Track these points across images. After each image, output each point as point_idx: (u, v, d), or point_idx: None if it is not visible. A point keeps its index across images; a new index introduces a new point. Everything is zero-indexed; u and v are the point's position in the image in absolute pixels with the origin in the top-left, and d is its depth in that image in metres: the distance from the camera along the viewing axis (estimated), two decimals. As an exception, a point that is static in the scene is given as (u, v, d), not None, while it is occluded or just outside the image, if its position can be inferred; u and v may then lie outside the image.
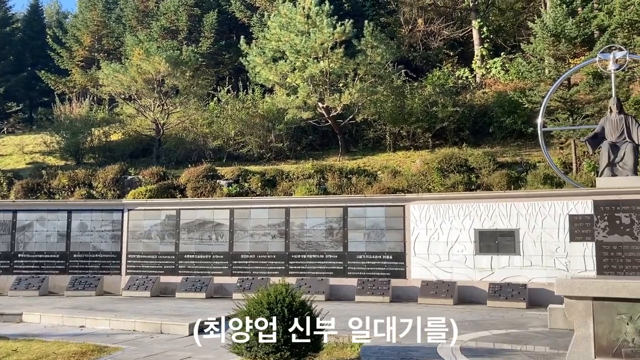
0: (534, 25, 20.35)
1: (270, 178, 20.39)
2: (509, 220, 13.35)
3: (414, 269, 14.06)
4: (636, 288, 6.50)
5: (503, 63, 26.77)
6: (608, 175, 12.95)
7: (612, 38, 19.46)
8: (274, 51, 22.90)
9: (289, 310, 7.21)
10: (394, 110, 22.94)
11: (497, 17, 30.44)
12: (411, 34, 30.54)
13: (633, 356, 6.45)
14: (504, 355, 7.40)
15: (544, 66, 20.26)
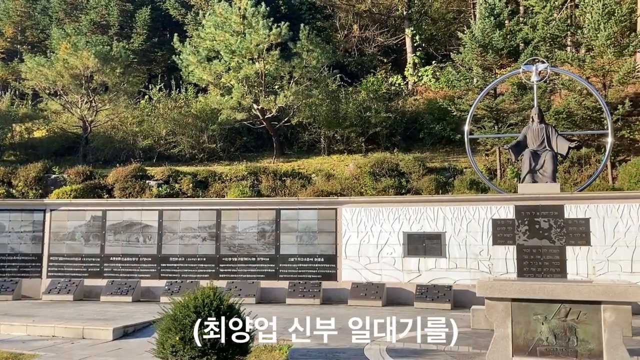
0: (464, 35, 21.09)
1: (202, 179, 20.06)
2: (436, 223, 13.74)
3: (344, 271, 14.21)
4: (551, 290, 6.83)
5: (434, 71, 27.58)
6: (529, 181, 13.60)
7: (536, 51, 20.45)
8: (208, 50, 22.59)
9: (216, 313, 7.10)
10: (329, 114, 23.14)
11: (429, 26, 31.33)
12: (346, 39, 30.96)
13: (547, 354, 6.78)
14: (428, 356, 7.59)
15: (472, 75, 21.02)
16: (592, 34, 19.59)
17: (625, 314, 6.63)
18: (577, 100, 19.09)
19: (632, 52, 19.83)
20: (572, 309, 6.75)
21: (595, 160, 18.66)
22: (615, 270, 12.34)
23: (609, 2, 19.41)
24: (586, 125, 19.35)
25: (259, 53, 21.65)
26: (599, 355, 6.60)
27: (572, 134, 18.65)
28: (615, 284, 6.76)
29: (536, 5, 22.41)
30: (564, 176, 18.45)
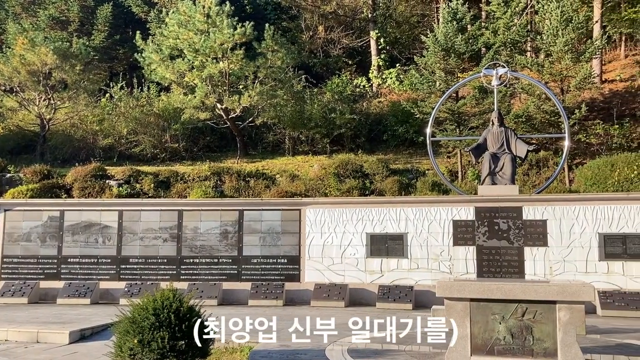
0: (427, 39, 21.36)
1: (164, 179, 19.77)
2: (399, 224, 13.86)
3: (308, 272, 14.20)
4: (509, 290, 6.96)
5: (398, 74, 27.86)
6: (489, 183, 13.85)
7: (497, 55, 20.86)
8: (171, 49, 22.29)
9: (175, 316, 7.00)
10: (294, 115, 23.11)
11: (394, 29, 31.63)
12: (312, 40, 31.01)
13: (504, 353, 6.90)
14: (389, 356, 7.64)
15: (434, 79, 21.31)
16: (550, 40, 20.10)
17: (579, 313, 6.80)
18: (536, 105, 19.55)
19: (588, 58, 20.43)
20: (529, 309, 6.89)
21: (553, 163, 19.15)
22: (571, 270, 12.67)
23: (567, 9, 19.95)
24: (544, 129, 19.84)
25: (223, 52, 21.47)
26: (554, 354, 6.76)
27: (530, 138, 19.13)
28: (569, 284, 6.93)
29: (497, 10, 22.86)
30: (522, 178, 18.88)
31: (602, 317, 11.70)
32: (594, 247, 12.66)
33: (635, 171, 16.23)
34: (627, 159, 16.73)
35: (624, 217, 12.62)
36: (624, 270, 12.44)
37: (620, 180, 16.25)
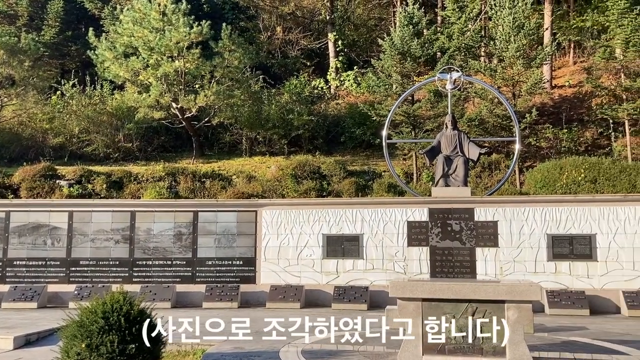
0: (384, 42, 21.60)
1: (116, 179, 19.34)
2: (355, 225, 13.95)
3: (263, 274, 14.13)
4: (459, 289, 7.09)
5: (355, 76, 28.06)
6: (442, 185, 14.10)
7: (451, 60, 21.28)
8: (125, 46, 21.82)
9: (126, 319, 6.83)
10: (251, 115, 22.99)
11: (351, 32, 31.86)
12: (270, 41, 30.91)
13: (454, 352, 7.02)
14: (342, 356, 7.67)
15: (391, 82, 21.57)
16: (503, 46, 20.63)
17: (527, 312, 6.98)
18: (489, 109, 20.04)
19: (539, 64, 21.07)
20: (479, 308, 7.03)
21: (504, 165, 19.65)
22: (521, 270, 13.02)
23: (519, 16, 20.52)
24: (497, 133, 20.34)
25: (179, 51, 21.17)
26: (502, 352, 6.91)
27: (483, 141, 19.57)
28: (517, 284, 7.11)
29: (452, 16, 23.31)
30: (475, 180, 19.31)
31: (549, 315, 12.07)
32: (543, 248, 13.04)
33: (582, 174, 16.82)
34: (574, 163, 17.34)
35: (571, 218, 13.05)
36: (571, 270, 12.86)
37: (568, 183, 16.81)
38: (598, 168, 16.91)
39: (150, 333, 6.92)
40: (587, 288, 12.63)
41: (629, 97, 20.30)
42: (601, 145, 21.21)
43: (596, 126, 21.87)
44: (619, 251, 12.71)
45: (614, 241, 12.75)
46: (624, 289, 12.40)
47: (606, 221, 12.85)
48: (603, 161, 17.38)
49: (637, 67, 20.52)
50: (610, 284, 12.62)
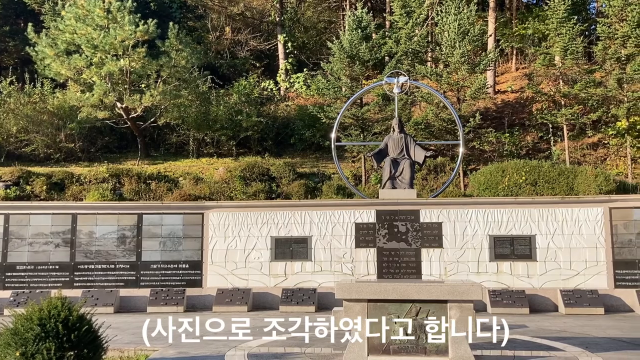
0: (333, 45, 21.74)
1: (57, 181, 18.68)
2: (303, 228, 13.95)
3: (210, 277, 13.93)
4: (404, 290, 7.21)
5: (305, 78, 28.14)
6: (389, 187, 14.30)
7: (399, 64, 21.62)
8: (67, 44, 21.13)
9: (64, 325, 6.61)
10: (199, 116, 22.68)
11: (301, 34, 31.93)
12: (219, 41, 30.61)
13: (399, 352, 7.14)
14: (289, 358, 7.65)
15: (340, 85, 21.73)
16: (448, 51, 21.12)
17: (468, 311, 7.17)
18: (435, 113, 20.47)
19: (483, 69, 21.68)
20: (422, 308, 7.17)
21: (449, 168, 20.10)
22: (464, 270, 13.33)
23: (464, 22, 21.06)
24: (442, 136, 20.80)
25: (124, 49, 20.66)
26: (445, 351, 7.07)
27: (429, 144, 19.95)
28: (459, 284, 7.29)
29: (400, 21, 23.69)
30: (421, 183, 19.68)
31: (492, 314, 12.39)
32: (485, 249, 13.40)
33: (523, 177, 17.42)
34: (516, 166, 17.93)
35: (512, 220, 13.46)
36: (512, 270, 13.27)
37: (510, 185, 17.37)
38: (538, 171, 17.55)
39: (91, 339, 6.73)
40: (527, 287, 13.06)
41: (567, 103, 21.15)
42: (541, 149, 22.02)
43: (536, 130, 22.68)
44: (557, 251, 13.20)
45: (553, 242, 13.23)
46: (562, 288, 12.89)
47: (545, 222, 13.33)
48: (543, 164, 18.04)
49: (574, 74, 21.42)
50: (549, 283, 13.09)
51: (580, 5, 29.48)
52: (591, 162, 20.52)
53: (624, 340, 8.96)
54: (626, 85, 20.15)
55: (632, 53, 19.96)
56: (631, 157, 19.72)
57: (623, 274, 12.90)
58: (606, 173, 17.58)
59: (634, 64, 19.42)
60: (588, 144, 21.58)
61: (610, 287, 12.89)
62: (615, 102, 20.50)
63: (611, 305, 12.63)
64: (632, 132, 19.78)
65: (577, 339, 8.97)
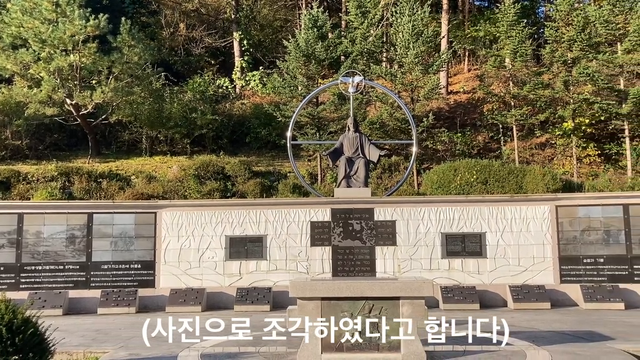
0: (289, 44, 21.71)
1: (3, 180, 18.04)
2: (258, 226, 13.90)
3: (163, 278, 13.72)
4: (357, 288, 7.28)
5: (261, 77, 28.00)
6: (344, 186, 14.40)
7: (354, 64, 21.76)
8: (14, 37, 20.41)
9: (8, 329, 6.40)
10: (152, 114, 22.28)
11: (257, 32, 31.75)
12: (173, 37, 30.13)
13: (352, 349, 7.20)
14: (242, 358, 7.61)
15: (296, 83, 21.72)
16: (402, 52, 21.41)
17: (420, 307, 7.29)
18: (389, 112, 20.71)
19: (436, 70, 22.07)
20: (375, 305, 7.26)
21: (403, 167, 20.39)
22: (417, 268, 13.56)
23: (418, 23, 21.39)
24: (396, 136, 21.08)
25: (73, 44, 20.09)
26: (397, 347, 7.18)
27: (383, 143, 20.22)
28: (411, 281, 7.41)
29: (355, 21, 23.86)
30: (376, 181, 19.89)
31: (444, 310, 12.65)
32: (437, 246, 13.67)
33: (474, 176, 17.84)
34: (467, 165, 18.35)
35: (463, 217, 13.77)
36: (463, 267, 13.58)
37: (461, 184, 17.76)
38: (489, 170, 18.01)
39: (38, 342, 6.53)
40: (477, 283, 13.39)
41: (516, 104, 21.77)
42: (492, 149, 22.59)
43: (487, 130, 23.26)
44: (506, 248, 13.58)
45: (502, 239, 13.61)
46: (510, 284, 13.27)
47: (495, 220, 13.69)
48: (493, 164, 18.53)
49: (523, 76, 22.05)
50: (498, 279, 13.46)
51: (530, 9, 30.40)
52: (539, 161, 21.17)
53: (567, 333, 9.31)
54: (572, 88, 20.89)
55: (577, 56, 20.71)
56: (577, 157, 20.46)
57: (568, 269, 13.38)
58: (553, 172, 18.19)
59: (579, 66, 20.15)
60: (536, 144, 22.26)
61: (556, 283, 13.35)
62: (562, 104, 21.23)
63: (557, 300, 13.09)
64: (577, 133, 20.53)
65: (524, 333, 9.25)
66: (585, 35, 20.49)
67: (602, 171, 20.15)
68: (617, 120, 20.35)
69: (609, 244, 13.36)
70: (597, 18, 20.48)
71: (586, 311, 12.23)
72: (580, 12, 21.09)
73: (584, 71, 19.71)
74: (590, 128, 20.91)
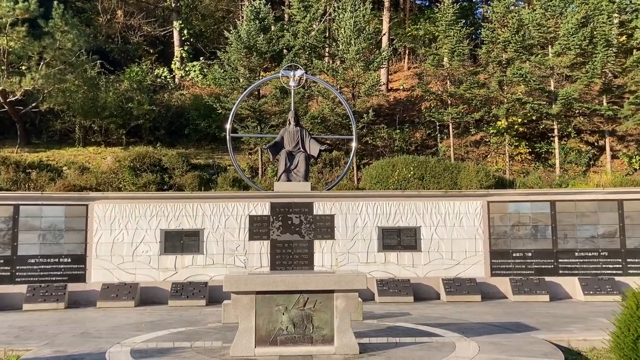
0: (230, 35, 21.42)
1: None
2: (195, 220, 13.66)
3: (95, 272, 13.26)
4: (292, 281, 7.27)
5: (202, 67, 27.50)
6: (284, 180, 14.37)
7: (296, 58, 21.71)
8: None
9: None
10: (86, 102, 21.48)
11: (199, 22, 31.14)
12: (110, 24, 29.15)
13: (286, 343, 7.20)
14: (174, 354, 7.46)
15: (237, 75, 21.46)
16: (344, 48, 21.54)
17: (354, 300, 7.37)
18: (331, 108, 20.82)
19: (376, 67, 22.32)
20: (310, 298, 7.28)
21: (344, 162, 20.55)
22: (354, 261, 13.71)
23: (360, 20, 21.56)
24: (337, 131, 21.22)
25: (1, 27, 19.05)
26: (331, 340, 7.23)
27: (324, 138, 20.31)
28: (345, 274, 7.47)
29: (298, 14, 23.80)
30: (317, 176, 19.97)
31: (379, 303, 12.86)
32: (374, 240, 13.86)
33: (412, 171, 18.19)
34: (405, 161, 18.70)
35: (399, 212, 14.02)
36: (398, 260, 13.83)
37: (399, 180, 18.08)
38: (425, 166, 18.41)
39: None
40: (412, 277, 13.67)
41: (453, 103, 22.35)
42: (429, 146, 23.11)
43: (425, 128, 23.76)
44: (440, 242, 13.93)
45: (436, 233, 13.94)
46: (444, 277, 13.62)
47: (430, 215, 14.01)
48: (430, 160, 18.96)
49: (460, 75, 22.64)
50: (432, 272, 13.79)
51: (468, 10, 31.28)
52: (474, 158, 21.84)
53: (495, 324, 9.65)
54: (506, 88, 21.64)
55: (511, 57, 21.47)
56: (509, 155, 21.23)
57: (498, 263, 13.87)
58: (486, 169, 18.81)
59: (513, 67, 20.89)
60: (471, 142, 22.94)
61: (487, 276, 13.81)
62: (496, 103, 21.96)
63: (487, 293, 13.54)
64: (510, 132, 21.30)
65: (455, 325, 9.52)
66: (520, 37, 21.26)
67: (532, 169, 21.00)
68: (547, 120, 21.26)
69: (537, 239, 13.93)
70: (531, 21, 21.28)
71: (514, 303, 12.72)
72: (515, 15, 21.85)
73: (518, 72, 20.45)
74: (522, 127, 21.73)
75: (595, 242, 13.80)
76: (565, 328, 9.24)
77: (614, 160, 21.01)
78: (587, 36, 20.41)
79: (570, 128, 21.76)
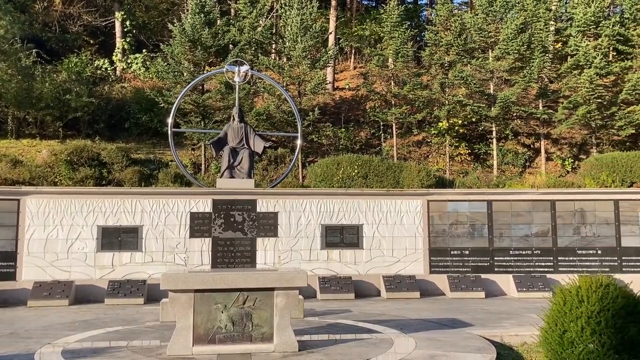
0: (174, 28, 20.98)
1: None
2: (134, 217, 13.32)
3: (26, 270, 12.73)
4: (231, 279, 7.19)
5: (144, 60, 26.82)
6: (227, 177, 14.20)
7: (242, 53, 21.48)
8: None
9: None
10: (20, 93, 20.57)
11: (142, 13, 30.33)
12: (47, 12, 27.96)
13: (224, 341, 7.12)
14: (109, 354, 7.24)
15: (181, 69, 21.05)
16: (291, 45, 21.50)
17: (294, 298, 7.36)
18: (276, 104, 20.74)
19: (322, 66, 22.40)
20: (250, 296, 7.22)
21: (289, 160, 20.52)
22: (297, 259, 13.72)
23: (306, 18, 21.57)
24: (283, 128, 21.16)
25: None
26: (270, 338, 7.20)
27: (270, 135, 20.21)
28: (285, 272, 7.45)
29: (244, 9, 23.56)
30: (262, 173, 19.86)
31: (321, 300, 12.92)
32: (317, 237, 13.91)
33: (356, 170, 18.37)
34: (350, 159, 18.86)
35: (342, 210, 14.13)
36: (341, 258, 13.94)
37: (344, 178, 18.23)
38: (369, 165, 18.64)
39: None
40: (353, 274, 13.81)
41: (397, 103, 22.70)
42: (373, 145, 23.39)
43: (369, 127, 24.03)
44: (381, 240, 14.13)
45: (378, 231, 14.14)
46: (384, 274, 13.83)
47: (372, 213, 14.18)
48: (373, 159, 19.20)
49: (404, 76, 23.02)
50: (373, 269, 13.97)
51: (413, 12, 31.84)
52: (416, 158, 22.27)
53: (432, 321, 9.88)
54: (447, 90, 22.17)
55: (453, 60, 22.01)
56: (449, 155, 21.77)
57: (437, 260, 14.20)
58: (428, 169, 19.22)
59: (454, 70, 21.42)
60: (414, 142, 23.37)
61: (426, 273, 14.12)
62: (438, 105, 22.46)
63: (426, 290, 13.85)
64: (451, 132, 21.84)
65: (394, 321, 9.69)
66: (462, 41, 21.82)
67: (471, 169, 21.61)
68: (486, 122, 21.91)
69: (474, 237, 14.35)
70: (473, 25, 21.87)
71: (451, 300, 13.06)
72: (458, 19, 22.40)
73: (459, 74, 20.99)
74: (462, 128, 22.32)
75: (529, 240, 14.34)
76: (498, 324, 9.56)
77: (548, 162, 21.91)
78: (525, 42, 21.17)
79: (508, 130, 22.51)
